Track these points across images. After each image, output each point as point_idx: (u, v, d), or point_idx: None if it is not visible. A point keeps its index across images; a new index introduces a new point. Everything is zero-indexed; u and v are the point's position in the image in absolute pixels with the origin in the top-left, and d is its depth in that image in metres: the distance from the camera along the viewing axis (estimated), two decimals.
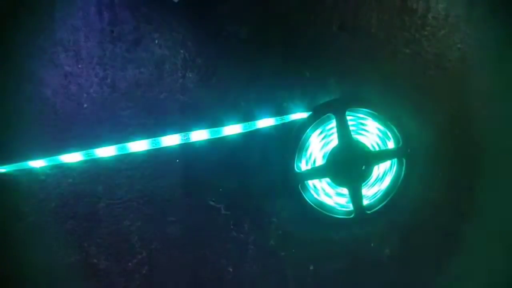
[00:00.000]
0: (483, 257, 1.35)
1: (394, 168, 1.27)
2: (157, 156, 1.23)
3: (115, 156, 1.22)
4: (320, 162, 1.25)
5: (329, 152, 1.23)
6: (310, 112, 1.22)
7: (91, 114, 1.21)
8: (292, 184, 1.24)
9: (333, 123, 1.22)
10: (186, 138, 1.21)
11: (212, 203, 1.28)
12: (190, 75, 1.21)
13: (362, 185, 1.24)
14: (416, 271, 1.36)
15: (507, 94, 1.27)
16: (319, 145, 1.26)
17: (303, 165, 1.26)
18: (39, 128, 1.21)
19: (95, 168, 1.23)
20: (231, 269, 1.32)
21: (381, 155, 1.25)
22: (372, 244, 1.33)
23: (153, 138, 1.21)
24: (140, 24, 1.17)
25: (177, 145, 1.22)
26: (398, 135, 1.23)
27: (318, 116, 1.22)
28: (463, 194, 1.31)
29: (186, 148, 1.23)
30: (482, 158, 1.30)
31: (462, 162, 1.30)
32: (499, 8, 1.23)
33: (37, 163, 1.21)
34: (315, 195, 1.28)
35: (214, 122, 1.22)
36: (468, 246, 1.34)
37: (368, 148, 1.24)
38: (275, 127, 1.23)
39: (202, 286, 1.33)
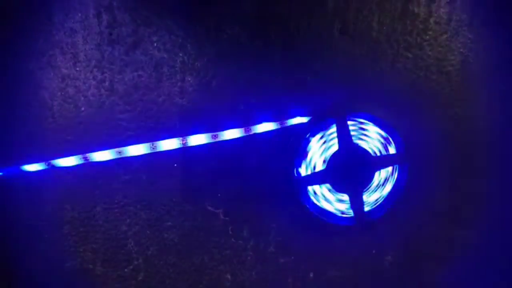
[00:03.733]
0: (484, 263, 1.34)
1: (396, 174, 1.26)
2: (155, 161, 1.23)
3: (113, 160, 1.21)
4: (320, 167, 1.24)
5: (329, 157, 1.22)
6: (310, 117, 1.21)
7: (88, 118, 1.20)
8: (292, 190, 1.24)
9: (333, 128, 1.22)
10: (185, 143, 1.21)
11: (210, 208, 1.27)
12: (189, 79, 1.20)
13: (363, 191, 1.23)
14: (418, 278, 1.34)
15: (509, 98, 1.26)
16: (319, 150, 1.25)
17: (303, 171, 1.25)
18: (36, 131, 1.20)
19: (92, 172, 1.22)
20: (229, 276, 1.31)
21: (383, 161, 1.24)
22: (373, 251, 1.32)
23: (151, 142, 1.20)
24: (139, 27, 1.17)
25: (175, 149, 1.21)
26: (400, 140, 1.22)
27: (318, 120, 1.21)
28: (465, 200, 1.31)
29: (185, 153, 1.22)
30: (485, 164, 1.29)
31: (464, 167, 1.29)
32: (501, 13, 1.23)
33: (34, 167, 1.20)
34: (315, 201, 1.27)
35: (213, 126, 1.21)
36: (470, 252, 1.33)
37: (369, 153, 1.23)
38: (275, 132, 1.22)
39: None
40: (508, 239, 1.33)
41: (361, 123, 1.25)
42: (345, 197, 1.25)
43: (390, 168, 1.27)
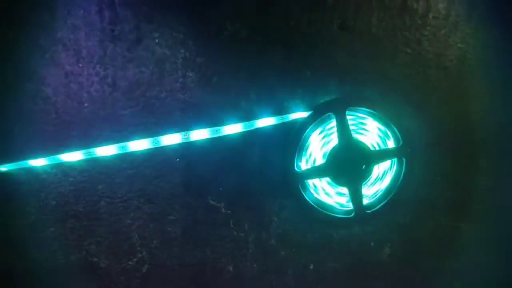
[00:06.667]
0: (483, 257, 1.35)
1: (394, 168, 1.27)
2: (157, 155, 1.24)
3: (116, 155, 1.22)
4: (320, 161, 1.25)
5: (329, 151, 1.23)
6: (310, 111, 1.22)
7: (91, 113, 1.21)
8: (292, 183, 1.25)
9: (333, 123, 1.22)
10: (187, 137, 1.21)
11: (212, 202, 1.28)
12: (191, 74, 1.21)
13: (362, 184, 1.24)
14: (416, 271, 1.36)
15: (507, 93, 1.26)
16: (319, 145, 1.26)
17: (303, 165, 1.26)
18: (39, 127, 1.21)
19: (95, 167, 1.24)
20: (231, 268, 1.32)
21: (381, 155, 1.25)
22: (372, 244, 1.33)
23: (153, 137, 1.21)
24: (141, 23, 1.17)
25: (177, 144, 1.22)
26: (398, 134, 1.23)
27: (318, 115, 1.22)
28: (463, 194, 1.31)
29: (187, 147, 1.23)
30: (482, 158, 1.29)
31: (462, 161, 1.30)
32: (500, 8, 1.22)
33: (38, 162, 1.21)
34: (315, 195, 1.28)
35: (215, 121, 1.22)
36: (468, 246, 1.34)
37: (368, 147, 1.24)
38: (275, 127, 1.23)
39: (202, 285, 1.33)
40: (506, 232, 1.34)
41: (360, 117, 1.26)
42: (345, 190, 1.26)
43: (388, 162, 1.28)
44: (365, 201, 1.26)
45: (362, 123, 1.26)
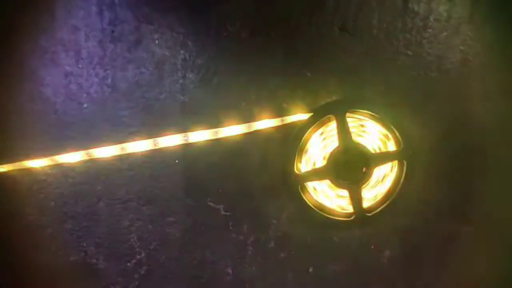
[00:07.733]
0: (483, 259, 1.34)
1: (395, 170, 1.27)
2: (156, 157, 1.24)
3: (115, 156, 1.22)
4: (320, 163, 1.25)
5: (329, 153, 1.22)
6: (311, 113, 1.22)
7: (91, 114, 1.21)
8: (292, 186, 1.24)
9: (333, 125, 1.22)
10: (186, 139, 1.21)
11: (211, 204, 1.28)
12: (191, 76, 1.21)
13: (362, 187, 1.24)
14: (416, 273, 1.35)
15: (508, 96, 1.26)
16: (319, 147, 1.26)
17: (303, 167, 1.26)
18: (39, 128, 1.21)
19: (95, 168, 1.23)
20: (230, 271, 1.32)
21: (382, 157, 1.24)
22: (372, 246, 1.33)
23: (153, 139, 1.21)
24: (141, 24, 1.17)
25: (177, 145, 1.22)
26: (399, 137, 1.22)
27: (318, 117, 1.22)
28: (463, 196, 1.31)
29: (186, 149, 1.23)
30: (483, 160, 1.29)
31: (463, 164, 1.29)
32: (501, 10, 1.22)
33: (37, 163, 1.21)
34: (315, 197, 1.28)
35: (214, 122, 1.22)
36: (468, 248, 1.33)
37: (368, 150, 1.23)
38: (275, 128, 1.23)
39: (201, 287, 1.32)
40: (506, 234, 1.33)
41: (361, 119, 1.26)
42: (345, 193, 1.26)
43: (389, 164, 1.27)
44: (365, 204, 1.25)
45: (362, 126, 1.26)
